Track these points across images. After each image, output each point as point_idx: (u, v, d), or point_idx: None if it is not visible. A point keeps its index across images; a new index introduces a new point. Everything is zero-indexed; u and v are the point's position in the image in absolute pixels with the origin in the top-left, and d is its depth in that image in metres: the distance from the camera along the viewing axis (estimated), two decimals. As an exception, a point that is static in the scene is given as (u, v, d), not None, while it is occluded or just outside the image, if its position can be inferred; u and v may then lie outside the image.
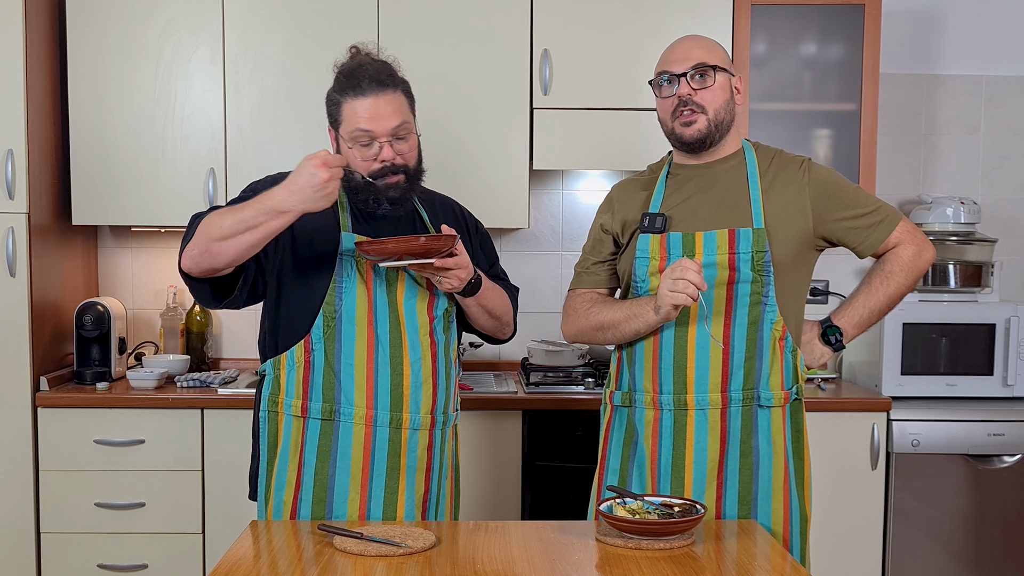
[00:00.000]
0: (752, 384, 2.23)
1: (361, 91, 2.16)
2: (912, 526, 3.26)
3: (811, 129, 3.51)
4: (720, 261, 2.20)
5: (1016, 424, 3.26)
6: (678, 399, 2.23)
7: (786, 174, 2.27)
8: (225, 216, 2.04)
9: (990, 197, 3.84)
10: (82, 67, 3.36)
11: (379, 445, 2.21)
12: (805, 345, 2.34)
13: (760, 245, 2.20)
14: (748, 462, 2.23)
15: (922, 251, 2.30)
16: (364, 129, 2.16)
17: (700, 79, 2.22)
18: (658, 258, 2.24)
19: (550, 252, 3.82)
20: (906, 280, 2.30)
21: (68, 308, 3.44)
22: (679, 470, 2.24)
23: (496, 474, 3.22)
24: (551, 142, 3.41)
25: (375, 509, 2.22)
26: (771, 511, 2.24)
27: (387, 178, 2.19)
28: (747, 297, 2.21)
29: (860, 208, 2.27)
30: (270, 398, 2.25)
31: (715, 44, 2.27)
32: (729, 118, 2.27)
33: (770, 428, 2.24)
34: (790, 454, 2.27)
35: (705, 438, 2.23)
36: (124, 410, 3.20)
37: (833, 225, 2.27)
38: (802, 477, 2.29)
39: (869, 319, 2.33)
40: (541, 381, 3.37)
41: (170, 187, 3.40)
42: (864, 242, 2.29)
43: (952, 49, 3.82)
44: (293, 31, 3.38)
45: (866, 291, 2.33)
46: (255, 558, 1.93)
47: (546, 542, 2.01)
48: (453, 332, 2.33)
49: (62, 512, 3.20)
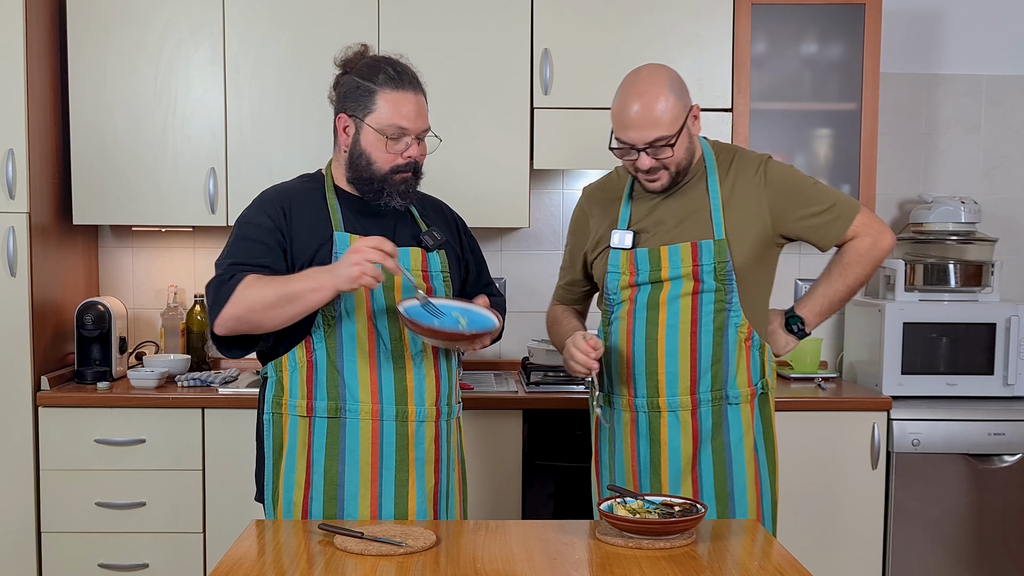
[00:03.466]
0: (720, 385, 2.34)
1: (403, 86, 2.23)
2: (912, 526, 3.26)
3: (811, 129, 3.51)
4: (685, 273, 2.31)
5: (1016, 424, 3.26)
6: (651, 402, 2.35)
7: (744, 180, 2.35)
8: (263, 288, 2.11)
9: (990, 197, 3.84)
10: (83, 67, 3.36)
11: (387, 439, 2.23)
12: (771, 335, 2.44)
13: (721, 256, 2.30)
14: (721, 458, 2.34)
15: (878, 241, 2.38)
16: (402, 126, 2.22)
17: (659, 149, 2.27)
18: (627, 273, 2.35)
19: (550, 252, 3.82)
20: (863, 270, 2.40)
21: (69, 308, 3.44)
22: (656, 468, 2.35)
23: (496, 474, 3.22)
24: (551, 142, 3.41)
25: (386, 503, 2.23)
26: (747, 505, 2.35)
27: (402, 173, 2.24)
28: (711, 305, 2.32)
29: (817, 205, 2.36)
30: (274, 400, 2.26)
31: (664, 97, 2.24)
32: (691, 155, 2.34)
33: (740, 423, 2.35)
34: (760, 445, 2.37)
35: (678, 437, 2.33)
36: (125, 409, 3.20)
37: (792, 224, 2.36)
38: (773, 465, 2.40)
39: (830, 308, 2.44)
40: (541, 381, 3.37)
41: (171, 187, 3.40)
42: (823, 238, 2.39)
43: (952, 49, 3.82)
44: (293, 31, 3.38)
45: (826, 282, 2.43)
46: (256, 558, 1.94)
47: (546, 541, 2.01)
48: None
49: (63, 511, 3.20)
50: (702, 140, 2.41)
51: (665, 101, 2.25)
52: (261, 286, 2.11)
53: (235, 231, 2.26)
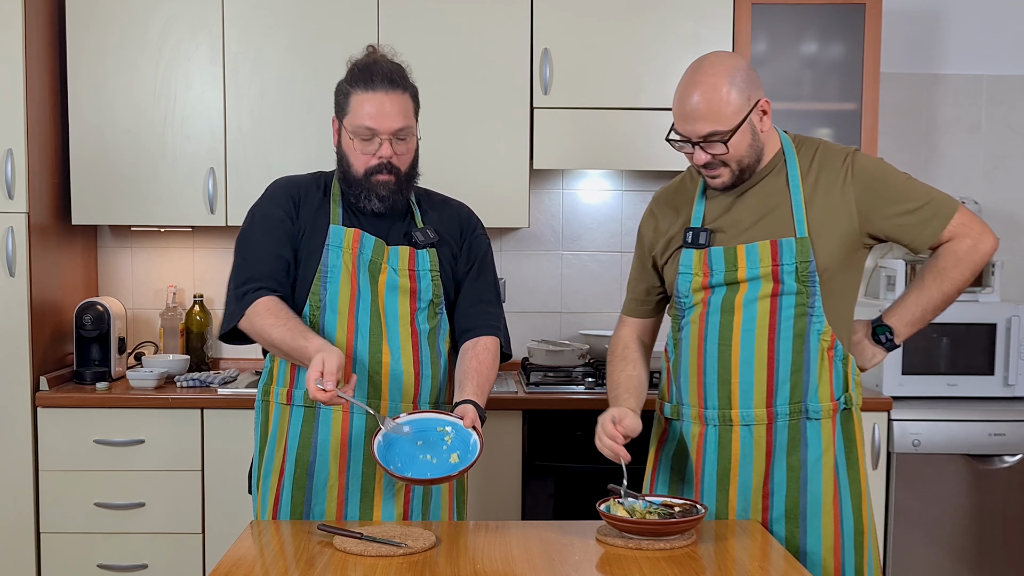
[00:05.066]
0: (799, 397, 2.14)
1: (371, 86, 2.21)
2: (912, 526, 3.26)
3: (812, 129, 3.50)
4: (764, 274, 2.13)
5: (1017, 424, 3.25)
6: (723, 414, 2.17)
7: (828, 173, 2.16)
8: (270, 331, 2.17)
9: (990, 197, 3.84)
10: (82, 67, 3.36)
11: (355, 433, 2.24)
12: (855, 346, 2.25)
13: (804, 255, 2.11)
14: (795, 476, 2.15)
15: (979, 243, 2.16)
16: (369, 127, 2.21)
17: (712, 144, 2.10)
18: (701, 274, 2.17)
19: (550, 252, 3.82)
20: (961, 276, 2.18)
21: (68, 308, 3.44)
22: (724, 485, 2.18)
23: (496, 474, 3.22)
24: (551, 142, 3.41)
25: (352, 496, 2.24)
26: (821, 527, 2.15)
27: (380, 175, 2.23)
28: (791, 309, 2.13)
29: (910, 202, 2.14)
30: (264, 388, 2.32)
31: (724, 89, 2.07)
32: (756, 152, 2.15)
33: (820, 441, 2.15)
34: (841, 466, 2.17)
35: (751, 454, 2.16)
36: (124, 410, 3.20)
37: (882, 223, 2.15)
38: (858, 489, 2.18)
39: (923, 317, 2.23)
40: (541, 381, 3.37)
41: (170, 187, 3.40)
42: (917, 238, 2.16)
43: (952, 49, 3.82)
44: (293, 31, 3.37)
45: (919, 288, 2.22)
46: (255, 558, 1.93)
47: (546, 542, 2.01)
48: (442, 323, 2.34)
49: (62, 512, 3.19)
50: (780, 132, 2.22)
51: (724, 94, 2.06)
52: (269, 322, 2.18)
53: (248, 222, 2.32)
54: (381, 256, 2.27)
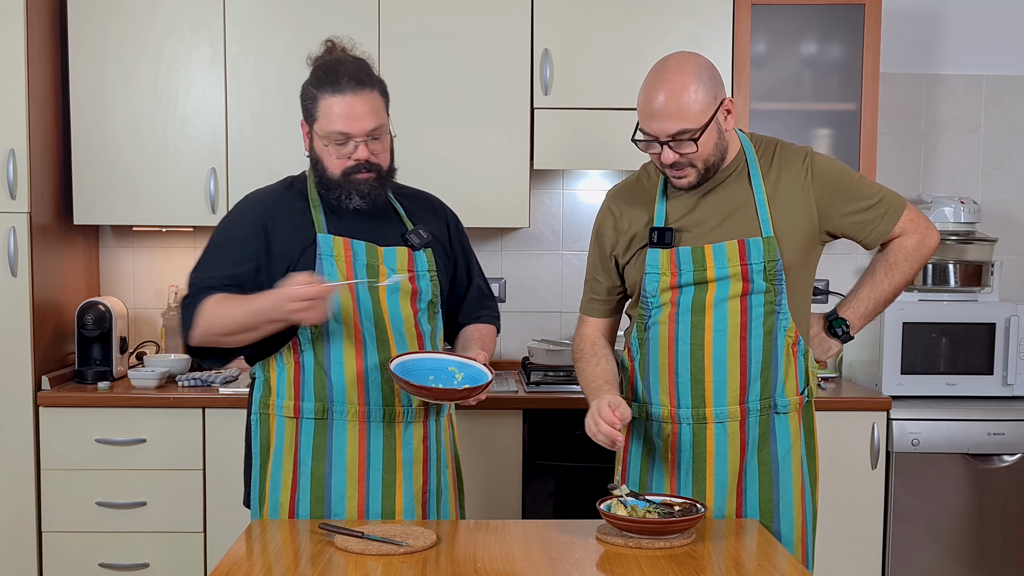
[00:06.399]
0: (769, 393, 2.21)
1: (339, 88, 2.17)
2: (912, 526, 3.26)
3: (811, 129, 3.51)
4: (733, 273, 2.17)
5: (1016, 423, 3.26)
6: (696, 412, 2.20)
7: (789, 173, 2.21)
8: (223, 314, 2.14)
9: (990, 197, 3.85)
10: (83, 67, 3.37)
11: (374, 440, 2.23)
12: (813, 339, 2.32)
13: (771, 254, 2.16)
14: (767, 469, 2.22)
15: (925, 238, 2.27)
16: (342, 131, 2.17)
17: (681, 143, 2.11)
18: (668, 273, 2.19)
19: (551, 252, 3.83)
20: (910, 269, 2.29)
21: (69, 307, 3.44)
22: (700, 481, 2.22)
23: (496, 474, 3.22)
24: (551, 142, 3.41)
25: (373, 504, 2.23)
26: (792, 518, 2.23)
27: (359, 174, 2.20)
28: (761, 308, 2.18)
29: (865, 200, 2.23)
30: (261, 400, 2.27)
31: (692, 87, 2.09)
32: (721, 152, 2.17)
33: (788, 435, 2.23)
34: (804, 456, 2.26)
35: (725, 451, 2.21)
36: (125, 409, 3.20)
37: (839, 220, 2.24)
38: (815, 476, 2.29)
39: (875, 309, 2.32)
40: (542, 380, 3.37)
41: (171, 187, 3.40)
42: (870, 235, 2.26)
43: (952, 49, 3.82)
44: (294, 31, 3.38)
45: (871, 281, 2.31)
46: (256, 557, 1.94)
47: (546, 541, 2.01)
48: (439, 322, 2.34)
49: (63, 511, 3.20)
50: (739, 132, 2.26)
51: (692, 92, 2.08)
52: (220, 310, 2.15)
53: (211, 238, 2.30)
54: (376, 258, 2.24)
